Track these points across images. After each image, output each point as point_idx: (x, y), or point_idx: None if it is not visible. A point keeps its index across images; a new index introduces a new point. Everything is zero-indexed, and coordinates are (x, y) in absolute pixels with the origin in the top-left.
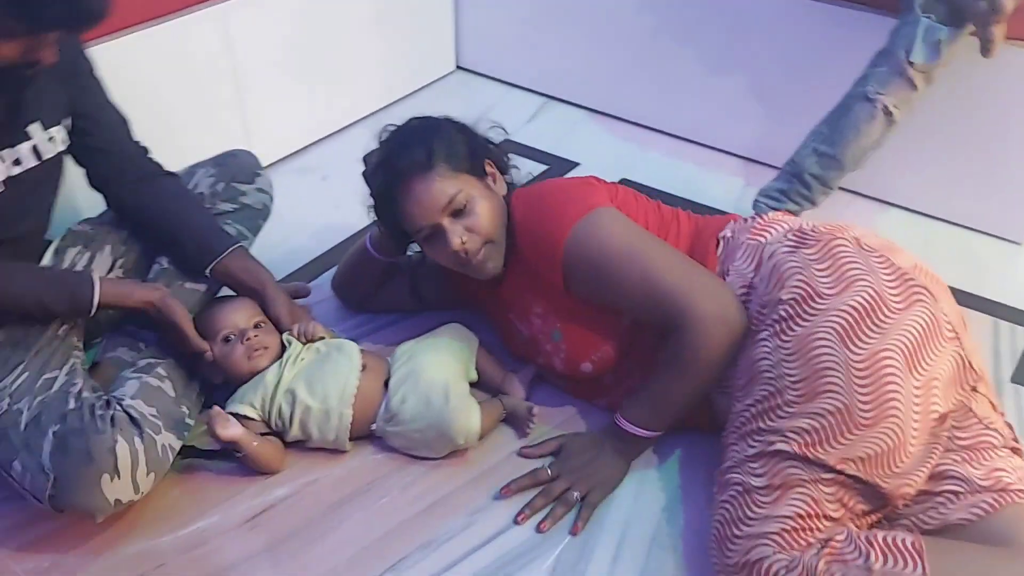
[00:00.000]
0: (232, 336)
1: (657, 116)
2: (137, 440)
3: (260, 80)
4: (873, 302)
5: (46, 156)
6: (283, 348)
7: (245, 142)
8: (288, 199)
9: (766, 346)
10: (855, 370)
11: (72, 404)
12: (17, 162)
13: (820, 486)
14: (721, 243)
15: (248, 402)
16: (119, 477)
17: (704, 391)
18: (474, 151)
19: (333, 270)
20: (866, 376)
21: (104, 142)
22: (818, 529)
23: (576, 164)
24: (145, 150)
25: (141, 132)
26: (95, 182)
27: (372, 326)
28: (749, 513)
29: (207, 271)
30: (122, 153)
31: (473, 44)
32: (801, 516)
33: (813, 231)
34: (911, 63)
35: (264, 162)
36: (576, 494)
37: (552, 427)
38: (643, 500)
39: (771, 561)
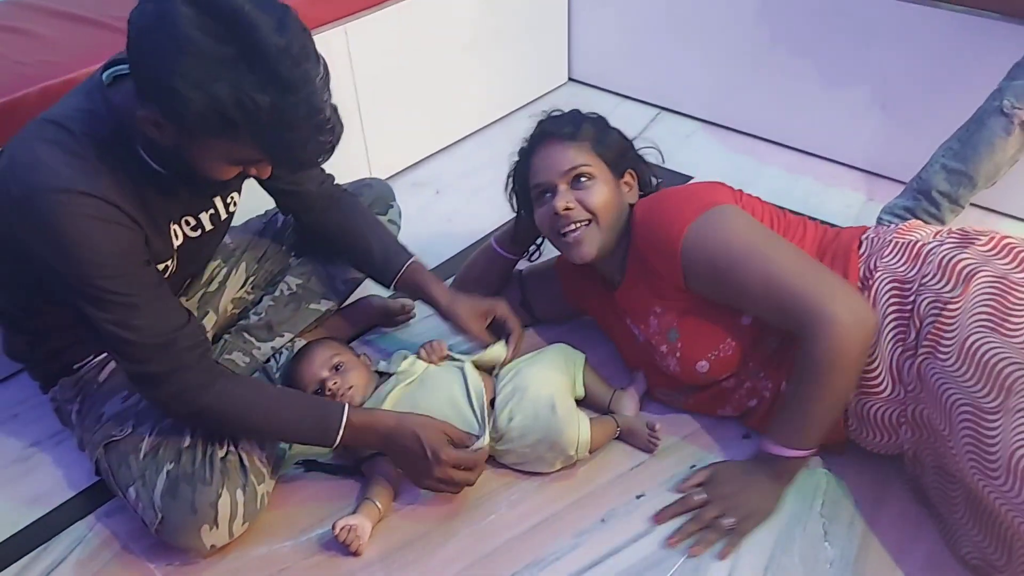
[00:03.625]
0: (317, 389)
1: (775, 127)
2: (239, 493)
3: (378, 96)
4: None
5: (223, 219)
6: (378, 374)
7: (363, 156)
8: (402, 213)
9: (933, 368)
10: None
11: (188, 440)
12: (196, 227)
13: None
14: (864, 243)
15: None
16: (217, 528)
17: (848, 396)
18: (621, 153)
19: (447, 284)
20: None
21: (288, 184)
22: None
23: (690, 177)
24: (326, 176)
25: None
26: (285, 212)
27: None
28: None
29: (391, 287)
30: (306, 190)
31: (585, 56)
32: None
33: (972, 229)
34: None
35: (381, 176)
36: (729, 520)
37: (679, 438)
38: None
39: None
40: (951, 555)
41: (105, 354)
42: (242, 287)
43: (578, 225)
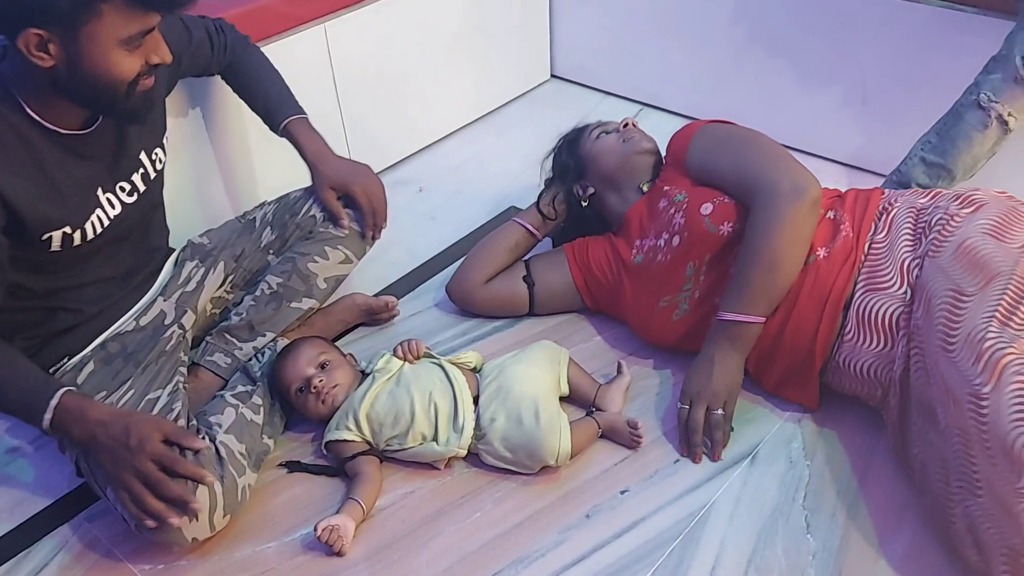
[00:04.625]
0: (302, 387)
1: (757, 122)
2: (217, 484)
3: (359, 94)
4: None
5: (152, 178)
6: (363, 374)
7: (345, 155)
8: None
9: (929, 268)
10: None
11: None
12: (131, 192)
13: None
14: (886, 193)
15: (344, 427)
16: (197, 520)
17: (791, 263)
18: None
19: (431, 282)
20: None
21: (190, 65)
22: None
23: None
24: (219, 33)
25: (249, 145)
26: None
27: (467, 338)
28: None
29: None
30: (208, 59)
31: (567, 52)
32: None
33: None
34: None
35: None
36: (719, 412)
37: (661, 433)
38: (738, 521)
39: None
40: (935, 533)
41: (81, 355)
42: (221, 287)
43: (640, 135)
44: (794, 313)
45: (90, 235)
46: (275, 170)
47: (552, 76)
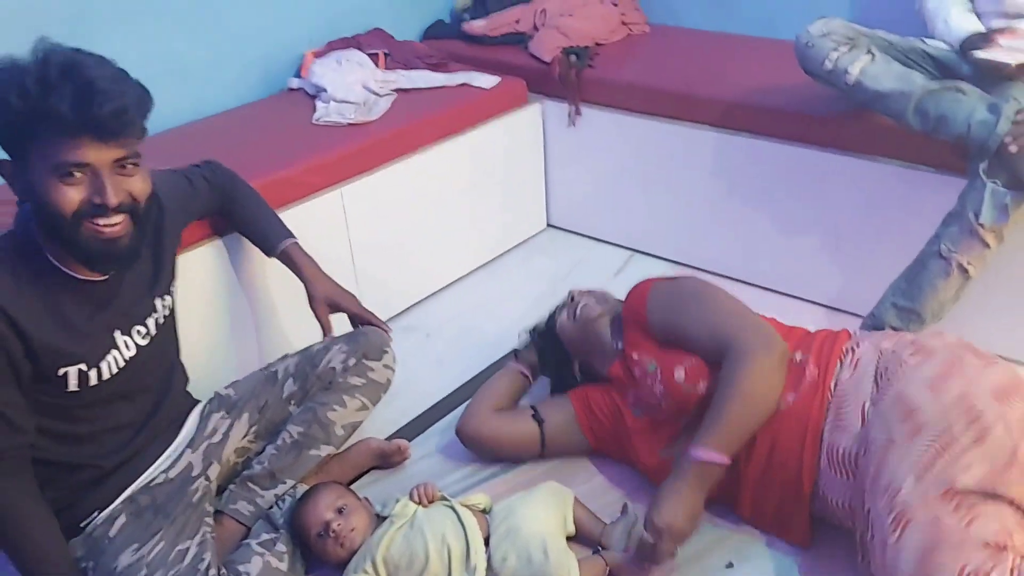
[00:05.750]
0: (321, 532)
1: (739, 267)
2: None
3: (371, 248)
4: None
5: (163, 322)
6: (379, 517)
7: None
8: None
9: (873, 414)
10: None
11: None
12: (146, 335)
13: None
14: (854, 335)
15: (361, 570)
16: None
17: (760, 410)
18: None
19: (439, 424)
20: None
21: (196, 210)
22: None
23: None
24: (213, 175)
25: (273, 300)
26: None
27: (475, 479)
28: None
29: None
30: (209, 202)
31: (562, 203)
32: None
33: None
34: (981, 224)
35: None
36: (671, 545)
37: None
38: None
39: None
40: None
41: (111, 508)
42: (244, 436)
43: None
44: (776, 451)
45: (106, 375)
46: (296, 323)
47: (548, 225)
